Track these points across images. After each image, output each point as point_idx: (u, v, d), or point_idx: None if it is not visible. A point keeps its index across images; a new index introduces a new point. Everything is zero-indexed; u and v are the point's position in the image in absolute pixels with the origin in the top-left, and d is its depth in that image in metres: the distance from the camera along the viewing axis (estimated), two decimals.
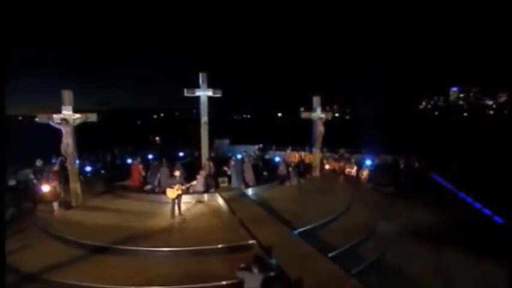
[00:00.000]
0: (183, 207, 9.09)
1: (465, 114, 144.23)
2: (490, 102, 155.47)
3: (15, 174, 12.75)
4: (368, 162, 15.22)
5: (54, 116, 9.48)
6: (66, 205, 9.77)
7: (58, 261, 6.63)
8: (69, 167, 10.00)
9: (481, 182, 11.93)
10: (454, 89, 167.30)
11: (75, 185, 10.06)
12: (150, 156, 15.64)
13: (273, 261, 6.18)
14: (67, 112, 9.65)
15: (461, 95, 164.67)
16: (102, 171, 15.31)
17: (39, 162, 13.27)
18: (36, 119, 9.38)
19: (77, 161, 10.27)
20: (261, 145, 19.34)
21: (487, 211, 10.16)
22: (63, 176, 10.47)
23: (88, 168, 14.86)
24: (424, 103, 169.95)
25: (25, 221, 9.07)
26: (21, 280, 6.26)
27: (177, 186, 8.72)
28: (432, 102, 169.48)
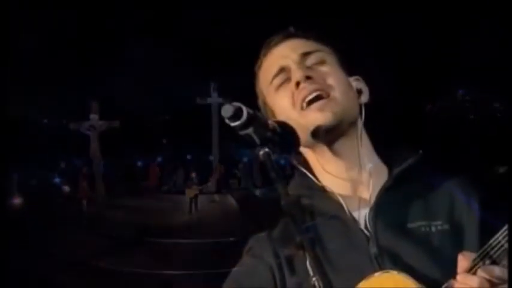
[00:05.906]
0: (198, 205, 10.13)
1: (471, 116, 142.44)
2: (497, 105, 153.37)
3: (35, 174, 13.83)
4: None
5: (84, 123, 10.64)
6: (93, 202, 10.85)
7: (94, 249, 7.70)
8: (94, 168, 11.14)
9: (483, 184, 12.57)
10: (461, 91, 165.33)
11: (100, 185, 11.18)
12: (159, 159, 16.51)
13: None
14: (94, 119, 10.81)
15: (467, 98, 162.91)
16: (118, 173, 16.36)
17: (63, 164, 14.41)
18: (70, 126, 10.55)
19: (102, 163, 11.40)
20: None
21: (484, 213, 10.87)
22: (89, 177, 11.58)
23: (102, 169, 15.82)
24: (429, 105, 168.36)
25: (59, 216, 10.18)
26: (66, 264, 7.33)
27: (194, 187, 9.80)
28: (438, 104, 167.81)
